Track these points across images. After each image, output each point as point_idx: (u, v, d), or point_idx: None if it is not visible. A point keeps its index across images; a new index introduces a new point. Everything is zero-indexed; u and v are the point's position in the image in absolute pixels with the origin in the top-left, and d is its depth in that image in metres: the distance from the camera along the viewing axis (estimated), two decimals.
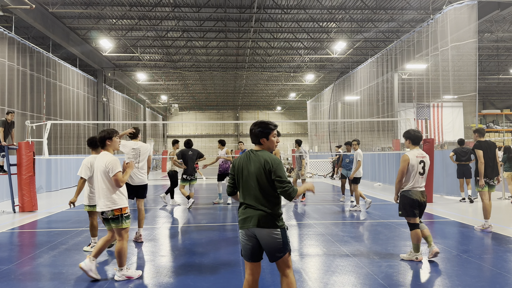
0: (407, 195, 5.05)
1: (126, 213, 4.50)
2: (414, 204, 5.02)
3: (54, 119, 17.10)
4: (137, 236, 6.43)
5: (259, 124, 3.23)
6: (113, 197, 4.42)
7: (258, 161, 3.07)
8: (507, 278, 4.43)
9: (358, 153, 9.62)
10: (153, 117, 40.45)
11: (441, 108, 23.64)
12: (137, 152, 6.39)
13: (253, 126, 3.24)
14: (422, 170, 5.09)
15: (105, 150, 4.59)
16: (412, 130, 5.26)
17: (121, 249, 4.45)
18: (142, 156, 6.41)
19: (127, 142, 6.51)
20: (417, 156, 5.10)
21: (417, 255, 5.08)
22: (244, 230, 3.09)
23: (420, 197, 5.04)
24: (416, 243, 5.06)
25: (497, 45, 21.60)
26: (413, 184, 5.06)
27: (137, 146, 6.41)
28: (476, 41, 12.23)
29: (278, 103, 41.58)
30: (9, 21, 14.83)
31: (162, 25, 18.28)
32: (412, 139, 5.24)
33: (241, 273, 4.67)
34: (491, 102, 37.56)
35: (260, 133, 3.18)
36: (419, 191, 5.06)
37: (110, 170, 4.38)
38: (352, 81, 23.39)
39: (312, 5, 16.31)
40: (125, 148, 6.35)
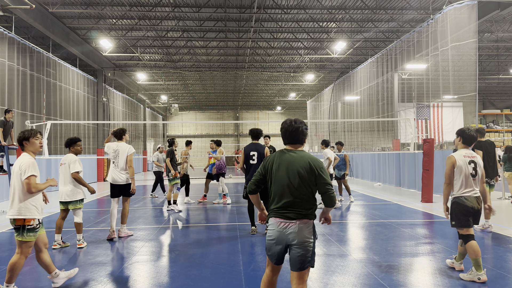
0: (460, 201, 4.43)
1: (31, 226, 4.01)
2: (468, 212, 4.39)
3: (54, 119, 17.10)
4: (120, 231, 6.84)
5: (303, 123, 3.06)
6: (19, 206, 4.03)
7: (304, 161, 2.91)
8: (507, 278, 4.43)
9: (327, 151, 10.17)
10: (153, 117, 40.44)
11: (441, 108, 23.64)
12: (117, 153, 6.74)
13: (300, 124, 3.05)
14: (473, 172, 4.45)
15: (24, 152, 4.34)
16: (467, 129, 4.64)
17: (15, 264, 3.93)
18: (121, 157, 6.69)
19: (111, 143, 6.90)
20: (464, 155, 4.50)
21: (480, 275, 4.25)
22: None
23: (476, 204, 4.42)
24: (475, 258, 4.28)
25: (497, 45, 21.60)
26: (465, 188, 4.44)
27: (117, 147, 6.76)
28: (476, 41, 12.23)
29: (278, 103, 41.57)
30: (9, 21, 14.82)
31: (162, 25, 18.28)
32: (464, 137, 4.62)
33: (241, 273, 4.67)
34: (491, 102, 37.56)
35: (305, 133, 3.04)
36: (473, 197, 4.42)
37: (22, 172, 4.07)
38: (352, 81, 23.39)
39: (312, 5, 16.31)
40: (108, 149, 6.83)
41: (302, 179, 2.88)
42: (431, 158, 10.91)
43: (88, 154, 21.00)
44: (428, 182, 10.86)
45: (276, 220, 2.91)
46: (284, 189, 2.91)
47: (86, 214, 9.36)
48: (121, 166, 6.69)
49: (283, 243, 2.89)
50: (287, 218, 2.88)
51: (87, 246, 6.13)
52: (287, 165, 2.91)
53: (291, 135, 3.03)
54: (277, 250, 2.91)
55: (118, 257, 5.49)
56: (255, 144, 6.98)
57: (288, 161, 2.93)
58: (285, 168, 2.91)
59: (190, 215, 9.17)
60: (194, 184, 17.15)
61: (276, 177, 2.94)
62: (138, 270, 4.91)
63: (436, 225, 7.69)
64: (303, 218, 2.90)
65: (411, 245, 6.00)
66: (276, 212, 2.94)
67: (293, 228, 2.87)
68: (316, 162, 2.90)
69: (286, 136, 3.06)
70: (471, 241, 4.36)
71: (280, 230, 2.89)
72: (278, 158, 2.98)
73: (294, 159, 2.92)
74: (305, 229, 2.88)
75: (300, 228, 2.87)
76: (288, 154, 2.97)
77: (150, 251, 5.86)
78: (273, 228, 2.93)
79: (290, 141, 3.05)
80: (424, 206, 10.09)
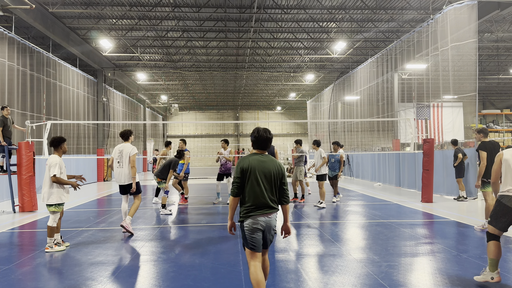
0: (503, 200, 4.21)
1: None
2: (508, 214, 4.17)
3: (54, 119, 17.09)
4: (124, 220, 6.91)
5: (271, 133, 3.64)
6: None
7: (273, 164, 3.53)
8: (507, 278, 4.43)
9: (322, 150, 10.28)
10: (153, 117, 40.44)
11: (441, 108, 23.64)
12: (121, 153, 6.97)
13: (270, 134, 3.60)
14: None
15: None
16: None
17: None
18: (125, 157, 6.93)
19: (118, 145, 7.17)
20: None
21: (493, 275, 4.15)
22: None
23: None
24: (493, 258, 4.15)
25: (497, 45, 21.59)
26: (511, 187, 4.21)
27: (122, 147, 7.01)
28: (476, 41, 12.21)
29: (278, 103, 41.57)
30: (9, 21, 14.82)
31: (162, 25, 18.28)
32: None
33: (241, 273, 4.67)
34: (491, 102, 37.57)
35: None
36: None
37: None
38: (352, 81, 23.38)
39: (312, 5, 16.31)
40: (114, 152, 7.09)
41: (275, 177, 3.50)
42: (431, 158, 10.91)
43: (88, 154, 20.99)
44: (428, 182, 10.85)
45: (256, 217, 3.44)
46: (265, 186, 3.45)
47: (86, 214, 9.37)
48: (125, 166, 6.91)
49: (264, 231, 3.48)
50: (271, 208, 3.47)
51: (87, 246, 6.12)
52: (263, 166, 3.48)
53: (264, 142, 3.57)
54: (260, 238, 3.48)
55: (118, 257, 5.49)
56: None
57: (263, 163, 3.50)
58: (262, 169, 3.46)
59: (190, 216, 9.17)
60: (194, 184, 17.14)
61: (254, 177, 3.44)
62: (138, 270, 4.91)
63: (436, 225, 7.69)
64: (276, 208, 3.55)
65: (411, 245, 6.00)
66: (256, 210, 3.44)
67: (273, 217, 3.53)
68: (281, 165, 3.55)
69: (258, 143, 3.58)
70: (493, 241, 4.22)
71: (266, 221, 3.47)
72: (253, 162, 3.48)
73: (268, 162, 3.51)
74: (276, 217, 3.58)
75: (274, 217, 3.56)
76: (261, 158, 3.52)
77: (150, 251, 5.86)
78: (257, 222, 3.44)
79: (261, 147, 3.59)
80: (424, 206, 10.09)
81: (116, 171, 6.99)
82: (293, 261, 5.20)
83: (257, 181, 3.44)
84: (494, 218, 4.26)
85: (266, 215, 3.47)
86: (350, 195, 12.78)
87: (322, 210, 9.65)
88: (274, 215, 3.54)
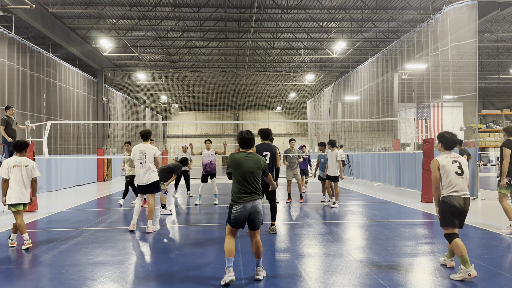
0: (447, 201, 4.50)
1: None
2: (455, 212, 4.46)
3: (54, 119, 17.09)
4: (147, 227, 7.14)
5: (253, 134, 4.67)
6: None
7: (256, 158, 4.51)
8: (508, 278, 4.43)
9: (339, 152, 10.16)
10: (153, 117, 40.44)
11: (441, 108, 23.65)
12: (143, 153, 7.11)
13: (252, 135, 4.59)
14: (459, 171, 4.53)
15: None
16: (446, 133, 4.68)
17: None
18: (148, 158, 7.14)
19: (136, 146, 7.29)
20: (447, 157, 4.61)
21: (469, 271, 4.28)
22: None
23: (463, 204, 4.47)
24: (462, 255, 4.33)
25: (497, 45, 21.60)
26: (453, 188, 4.49)
27: (144, 148, 7.15)
28: (476, 41, 12.22)
29: (278, 103, 41.57)
30: (9, 21, 14.82)
31: (162, 25, 18.28)
32: (445, 143, 4.68)
33: (241, 273, 4.67)
34: (491, 102, 37.57)
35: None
36: (461, 197, 4.48)
37: None
38: (352, 81, 23.39)
39: (312, 5, 16.31)
40: (135, 151, 7.22)
41: (258, 170, 4.45)
42: (431, 158, 10.90)
43: (88, 154, 21.00)
44: (428, 182, 10.85)
45: (243, 203, 4.32)
46: (253, 176, 4.39)
47: (86, 214, 9.37)
48: (148, 166, 7.09)
49: (248, 212, 4.33)
50: (253, 200, 4.36)
51: (87, 246, 6.12)
52: (249, 162, 4.40)
53: (248, 142, 4.58)
54: (243, 219, 4.34)
55: (118, 257, 5.49)
56: (267, 144, 7.05)
57: (249, 159, 4.43)
58: (248, 164, 4.38)
59: (191, 215, 9.17)
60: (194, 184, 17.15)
61: (244, 170, 4.36)
62: (138, 270, 4.91)
63: (436, 225, 7.68)
64: (260, 195, 4.44)
65: (411, 245, 6.00)
66: (245, 195, 4.35)
67: (257, 202, 4.40)
68: (263, 159, 4.53)
69: (244, 142, 4.58)
70: (456, 239, 4.42)
71: (250, 205, 4.33)
72: (241, 158, 4.40)
73: (253, 158, 4.45)
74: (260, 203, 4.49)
75: (259, 201, 4.44)
76: (247, 154, 4.47)
77: (150, 251, 5.86)
78: (240, 207, 4.32)
79: (246, 146, 4.58)
80: (424, 206, 10.09)
81: (138, 171, 7.13)
82: (293, 261, 5.19)
83: (243, 173, 4.36)
84: (444, 220, 4.53)
85: (252, 201, 4.34)
86: (350, 195, 12.78)
87: (322, 210, 9.65)
88: (258, 201, 4.40)
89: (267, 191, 6.94)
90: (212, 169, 10.79)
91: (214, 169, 10.83)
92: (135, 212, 7.27)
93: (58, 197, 13.30)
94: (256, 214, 4.37)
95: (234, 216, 4.34)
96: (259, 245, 4.45)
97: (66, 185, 16.46)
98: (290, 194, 11.19)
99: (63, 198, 12.83)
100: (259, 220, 4.42)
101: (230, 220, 4.37)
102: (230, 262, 4.31)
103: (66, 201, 12.11)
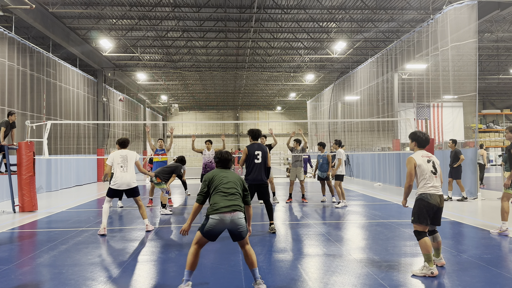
0: (425, 198, 4.61)
1: None
2: (430, 210, 4.59)
3: (54, 119, 17.09)
4: (147, 226, 7.30)
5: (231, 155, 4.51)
6: None
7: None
8: (508, 278, 4.43)
9: (339, 152, 10.17)
10: (153, 117, 40.44)
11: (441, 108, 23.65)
12: (125, 159, 7.16)
13: (231, 156, 4.42)
14: (433, 169, 4.68)
15: None
16: (419, 132, 4.86)
17: None
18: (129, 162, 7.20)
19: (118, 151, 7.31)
20: (422, 156, 4.75)
21: (432, 269, 4.48)
22: None
23: (439, 202, 4.61)
24: (427, 253, 4.52)
25: (497, 45, 21.60)
26: (430, 185, 4.63)
27: (124, 153, 7.22)
28: (476, 41, 12.21)
29: (278, 103, 41.57)
30: (9, 21, 14.82)
31: (162, 25, 18.28)
32: (419, 141, 4.84)
33: (241, 273, 4.67)
34: (491, 102, 37.57)
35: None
36: (437, 195, 4.62)
37: None
38: (352, 81, 23.39)
39: (312, 5, 16.31)
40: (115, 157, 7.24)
41: (238, 187, 4.20)
42: None
43: (88, 154, 20.99)
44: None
45: (220, 214, 3.98)
46: (231, 193, 4.11)
47: (86, 214, 9.38)
48: (129, 170, 7.11)
49: (225, 227, 4.00)
50: (233, 211, 4.01)
51: (87, 246, 6.12)
52: (228, 179, 4.20)
53: (226, 162, 4.39)
54: (219, 232, 4.04)
55: (118, 257, 5.49)
56: (258, 144, 7.12)
57: (229, 176, 4.23)
58: (227, 181, 4.17)
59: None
60: (193, 184, 17.16)
61: (222, 187, 4.12)
62: (138, 270, 4.91)
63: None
64: (242, 209, 4.15)
65: (411, 245, 5.99)
66: (224, 208, 4.00)
67: (238, 215, 4.03)
68: (240, 177, 4.35)
69: (221, 162, 4.38)
70: (425, 238, 4.57)
71: (227, 219, 3.97)
72: (219, 175, 4.22)
73: (232, 176, 4.25)
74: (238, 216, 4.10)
75: (240, 215, 4.08)
76: (225, 172, 4.29)
77: (150, 251, 5.86)
78: (216, 218, 3.98)
79: (224, 166, 4.39)
80: None
81: (119, 175, 7.03)
82: (293, 261, 5.20)
83: (224, 183, 4.16)
84: (418, 217, 4.62)
85: (229, 213, 4.00)
86: (350, 195, 12.78)
87: (322, 210, 9.65)
88: (237, 214, 4.04)
89: (260, 192, 7.02)
90: (212, 168, 10.79)
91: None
92: (104, 215, 7.01)
93: (58, 197, 13.30)
94: (236, 227, 4.01)
95: (209, 228, 3.99)
96: (251, 252, 4.08)
97: (66, 185, 16.46)
98: (291, 194, 11.20)
99: (63, 198, 12.83)
100: (243, 232, 4.05)
101: (203, 229, 4.01)
102: (190, 275, 4.02)
103: (66, 201, 12.11)
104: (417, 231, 4.65)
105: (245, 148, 7.07)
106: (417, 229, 4.64)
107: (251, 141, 7.18)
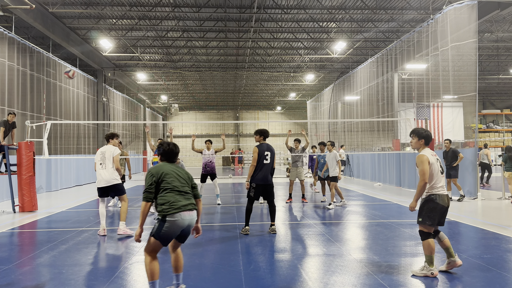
0: (435, 199, 4.47)
1: None
2: (440, 211, 4.48)
3: (54, 119, 17.09)
4: (119, 228, 6.97)
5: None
6: None
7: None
8: (507, 278, 4.43)
9: (337, 153, 10.15)
10: (153, 117, 40.44)
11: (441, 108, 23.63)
12: (103, 155, 7.00)
13: (178, 149, 4.04)
14: (441, 169, 4.58)
15: None
16: (422, 129, 4.65)
17: None
18: (107, 159, 6.97)
19: (100, 148, 7.25)
20: (431, 154, 4.57)
21: (432, 270, 4.45)
22: None
23: (447, 202, 4.52)
24: (430, 255, 4.47)
25: (497, 45, 21.60)
26: (440, 185, 4.50)
27: (104, 150, 7.07)
28: (476, 41, 12.21)
29: (278, 103, 41.56)
30: (9, 21, 14.82)
31: (162, 25, 18.28)
32: (427, 139, 4.62)
33: (241, 273, 4.67)
34: (491, 102, 37.56)
35: None
36: (445, 195, 4.53)
37: None
38: (352, 81, 23.38)
39: (312, 5, 16.31)
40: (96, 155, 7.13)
41: (189, 185, 3.90)
42: None
43: (88, 154, 20.99)
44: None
45: (181, 213, 3.65)
46: (186, 192, 3.81)
47: (86, 214, 9.37)
48: (108, 167, 6.89)
49: (183, 227, 3.70)
50: (191, 210, 3.75)
51: (87, 246, 6.12)
52: (177, 173, 3.86)
53: (172, 155, 4.00)
54: (175, 234, 3.72)
55: (118, 257, 5.49)
56: (267, 144, 7.04)
57: (180, 172, 3.90)
58: (176, 175, 3.83)
59: None
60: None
61: (176, 184, 3.78)
62: (138, 270, 4.91)
63: None
64: (196, 208, 3.86)
65: (411, 245, 6.00)
66: (184, 207, 3.70)
67: (194, 215, 3.79)
68: (188, 172, 4.04)
69: (167, 156, 3.98)
70: (430, 239, 4.50)
71: (186, 218, 3.68)
72: (170, 171, 3.84)
73: (182, 171, 3.94)
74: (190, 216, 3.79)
75: (194, 214, 3.83)
76: (175, 167, 3.92)
77: None
78: (176, 219, 3.63)
79: (170, 160, 3.99)
80: None
81: (99, 172, 6.89)
82: (293, 261, 5.19)
83: (176, 185, 3.80)
84: (429, 218, 4.48)
85: (188, 212, 3.73)
86: (350, 195, 12.78)
87: (321, 210, 9.64)
88: (194, 213, 3.81)
89: (266, 192, 6.95)
90: (212, 168, 10.80)
91: (213, 168, 10.83)
92: (102, 217, 6.95)
93: (58, 197, 13.30)
94: (190, 227, 3.81)
95: (166, 231, 3.65)
96: (181, 256, 3.98)
97: (66, 185, 16.45)
98: (291, 194, 11.20)
99: (63, 198, 12.83)
100: (190, 232, 3.88)
101: (160, 233, 3.66)
102: (156, 285, 3.73)
103: (66, 201, 12.11)
104: (423, 231, 4.53)
105: (255, 147, 6.90)
106: (424, 230, 4.52)
107: (260, 141, 7.01)
